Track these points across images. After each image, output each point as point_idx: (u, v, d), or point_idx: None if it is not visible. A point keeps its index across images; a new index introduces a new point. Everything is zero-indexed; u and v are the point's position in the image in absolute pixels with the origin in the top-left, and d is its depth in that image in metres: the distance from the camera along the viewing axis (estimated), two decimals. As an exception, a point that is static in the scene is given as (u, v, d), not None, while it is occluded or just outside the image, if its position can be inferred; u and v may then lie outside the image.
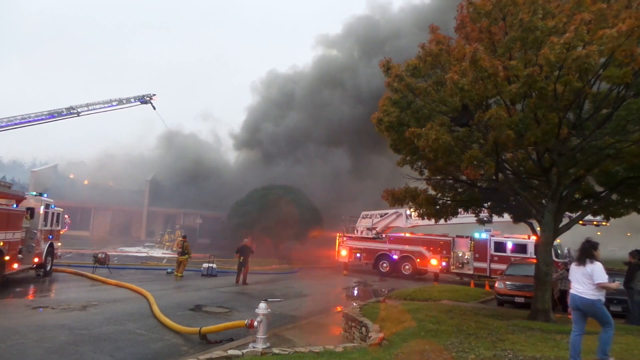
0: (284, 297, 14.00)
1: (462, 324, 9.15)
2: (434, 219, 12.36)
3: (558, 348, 7.12)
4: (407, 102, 10.38)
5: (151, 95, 34.68)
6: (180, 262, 18.32)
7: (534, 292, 10.83)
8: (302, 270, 25.13)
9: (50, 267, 15.93)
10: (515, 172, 11.32)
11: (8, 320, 8.85)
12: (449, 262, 23.48)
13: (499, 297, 14.31)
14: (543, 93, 8.71)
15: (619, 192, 10.89)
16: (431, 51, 10.30)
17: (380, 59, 10.98)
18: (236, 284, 16.81)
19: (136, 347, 7.68)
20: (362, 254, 25.82)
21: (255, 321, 7.40)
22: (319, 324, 10.84)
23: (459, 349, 6.93)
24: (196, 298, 13.05)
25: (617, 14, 8.41)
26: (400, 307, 11.15)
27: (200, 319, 10.14)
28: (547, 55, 8.00)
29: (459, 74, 8.90)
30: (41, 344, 7.39)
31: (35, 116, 29.96)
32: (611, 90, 9.22)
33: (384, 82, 10.92)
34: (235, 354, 6.51)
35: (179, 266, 18.33)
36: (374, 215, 27.42)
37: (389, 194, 11.68)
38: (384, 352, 6.73)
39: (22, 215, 13.59)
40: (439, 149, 9.24)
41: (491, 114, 8.85)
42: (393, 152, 11.63)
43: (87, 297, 11.88)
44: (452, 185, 12.14)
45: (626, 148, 8.90)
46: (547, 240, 10.58)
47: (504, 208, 12.44)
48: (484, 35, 9.72)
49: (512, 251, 21.37)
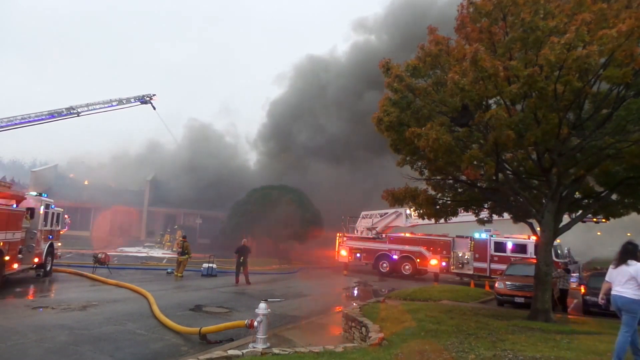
0: (284, 297, 14.01)
1: (462, 324, 9.16)
2: (434, 219, 12.37)
3: (558, 348, 7.12)
4: (407, 102, 10.38)
5: (151, 95, 34.68)
6: (180, 262, 18.33)
7: (534, 292, 10.83)
8: (302, 270, 25.13)
9: (50, 267, 15.92)
10: (515, 172, 11.32)
11: (8, 320, 8.85)
12: (449, 262, 23.49)
13: (499, 297, 14.31)
14: (543, 93, 8.71)
15: (619, 192, 10.89)
16: (430, 51, 10.31)
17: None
18: (236, 285, 16.81)
19: (136, 347, 7.67)
20: (362, 254, 25.82)
21: (255, 321, 7.40)
22: (319, 324, 10.84)
23: (459, 349, 6.92)
24: (196, 298, 13.05)
25: (617, 14, 8.41)
26: (400, 307, 11.15)
27: (200, 319, 10.14)
28: (547, 55, 8.00)
29: (459, 74, 8.90)
30: (41, 344, 7.39)
31: (35, 116, 29.99)
32: (611, 90, 9.23)
33: (384, 82, 10.93)
34: (235, 354, 6.51)
35: (179, 266, 18.34)
36: (373, 215, 27.43)
37: (389, 194, 11.68)
38: (384, 352, 6.73)
39: (22, 215, 13.59)
40: (439, 149, 9.24)
41: (491, 114, 8.86)
42: (393, 152, 11.63)
43: (87, 297, 11.88)
44: (452, 185, 12.14)
45: (626, 148, 8.90)
46: (547, 240, 10.58)
47: (504, 208, 12.44)
48: (484, 35, 9.72)
49: (512, 251, 21.38)
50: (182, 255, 18.38)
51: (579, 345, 7.40)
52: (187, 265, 18.72)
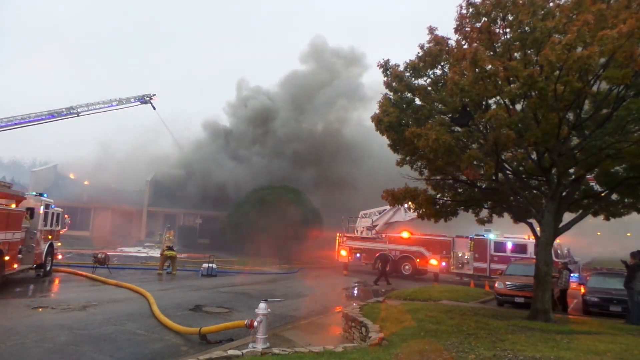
0: (284, 297, 14.00)
1: (462, 324, 9.16)
2: (434, 219, 12.36)
3: (558, 348, 7.12)
4: (406, 102, 10.38)
5: (151, 95, 34.73)
6: (173, 258, 18.50)
7: (534, 292, 10.82)
8: (302, 270, 25.11)
9: (50, 267, 15.93)
10: (515, 172, 11.32)
11: (8, 320, 8.85)
12: (448, 262, 23.49)
13: (499, 297, 14.31)
14: (543, 93, 8.70)
15: (619, 192, 10.90)
16: (430, 51, 10.31)
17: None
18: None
19: (136, 347, 7.68)
20: (362, 254, 25.82)
21: (255, 321, 7.40)
22: (319, 324, 10.83)
23: (459, 349, 6.93)
24: (196, 298, 13.05)
25: (617, 14, 8.41)
26: (400, 307, 11.16)
27: (200, 319, 10.14)
28: (548, 56, 7.99)
29: (459, 74, 8.90)
30: (41, 344, 7.39)
31: (35, 116, 30.03)
32: (611, 91, 9.23)
33: (383, 82, 10.93)
34: (235, 354, 6.51)
35: (173, 262, 18.56)
36: (372, 213, 27.39)
37: (389, 194, 11.66)
38: (384, 352, 6.73)
39: (22, 216, 13.58)
40: (439, 149, 9.24)
41: (491, 114, 8.86)
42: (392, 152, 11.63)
43: (87, 297, 11.88)
44: (452, 185, 12.14)
45: (626, 148, 8.90)
46: (547, 240, 10.58)
47: (504, 208, 12.44)
48: (484, 35, 9.72)
49: (512, 251, 21.38)
50: (171, 250, 18.56)
51: (579, 345, 7.40)
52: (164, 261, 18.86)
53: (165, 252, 18.52)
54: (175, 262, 18.85)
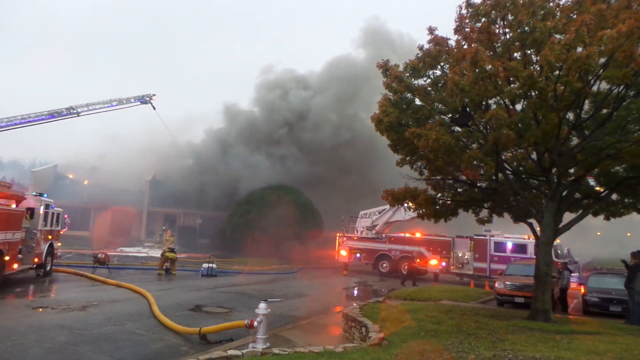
0: (284, 297, 14.00)
1: (462, 324, 9.16)
2: (434, 219, 12.36)
3: (558, 348, 7.12)
4: (406, 103, 10.39)
5: (151, 96, 34.68)
6: (173, 260, 18.54)
7: (534, 292, 10.82)
8: (302, 270, 25.11)
9: (50, 267, 15.92)
10: (515, 172, 11.32)
11: (8, 320, 8.85)
12: (448, 262, 23.48)
13: (499, 297, 14.31)
14: (543, 93, 8.71)
15: (619, 192, 10.89)
16: (430, 52, 10.31)
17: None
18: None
19: (136, 347, 7.68)
20: (362, 254, 25.81)
21: (255, 321, 7.40)
22: (319, 324, 10.83)
23: (459, 349, 6.93)
24: (196, 298, 13.05)
25: (617, 14, 8.41)
26: (400, 307, 11.15)
27: (200, 319, 10.14)
28: (547, 56, 8.00)
29: (459, 75, 8.90)
30: (41, 344, 7.39)
31: (35, 116, 29.99)
32: (611, 90, 9.23)
33: (383, 82, 10.93)
34: (235, 354, 6.52)
35: (172, 264, 18.57)
36: (372, 213, 27.38)
37: (389, 194, 11.66)
38: (384, 352, 6.73)
39: (22, 215, 13.58)
40: (439, 149, 9.25)
41: (491, 115, 8.86)
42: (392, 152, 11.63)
43: (87, 297, 11.88)
44: (452, 185, 12.14)
45: (626, 148, 8.89)
46: (547, 240, 10.57)
47: (504, 208, 12.44)
48: (483, 36, 9.73)
49: (512, 251, 21.37)
50: (173, 252, 18.62)
51: (579, 345, 7.40)
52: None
53: (166, 254, 18.57)
54: (175, 264, 18.91)
